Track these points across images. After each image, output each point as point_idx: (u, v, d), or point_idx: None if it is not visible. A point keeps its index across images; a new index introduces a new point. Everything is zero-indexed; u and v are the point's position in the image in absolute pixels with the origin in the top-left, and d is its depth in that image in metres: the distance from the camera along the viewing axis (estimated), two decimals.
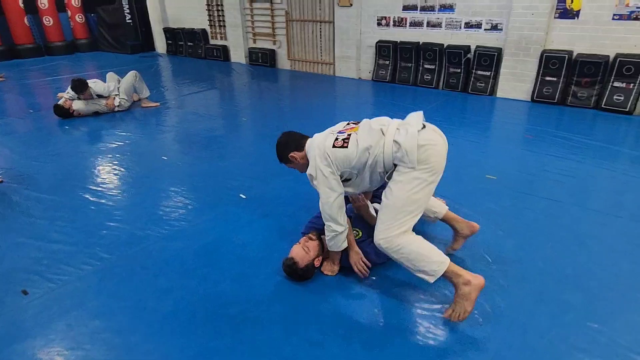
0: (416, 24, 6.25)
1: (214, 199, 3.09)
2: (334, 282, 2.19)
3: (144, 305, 2.05)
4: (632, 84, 4.73)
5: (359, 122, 2.12)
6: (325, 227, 2.08)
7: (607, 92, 4.90)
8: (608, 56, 4.85)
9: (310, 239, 2.20)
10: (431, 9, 6.04)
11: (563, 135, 4.25)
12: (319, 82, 7.12)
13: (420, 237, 1.91)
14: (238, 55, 8.80)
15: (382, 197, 1.95)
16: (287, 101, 6.19)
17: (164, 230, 2.68)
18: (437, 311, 1.97)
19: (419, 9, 6.14)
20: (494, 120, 5.05)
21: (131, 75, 5.43)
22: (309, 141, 2.19)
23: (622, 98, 4.82)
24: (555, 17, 5.11)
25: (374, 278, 2.19)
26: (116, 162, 3.84)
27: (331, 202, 2.00)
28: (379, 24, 6.62)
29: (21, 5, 9.11)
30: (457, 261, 2.30)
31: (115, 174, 3.58)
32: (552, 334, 1.81)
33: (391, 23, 6.48)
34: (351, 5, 6.67)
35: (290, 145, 2.22)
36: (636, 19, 4.62)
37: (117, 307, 2.03)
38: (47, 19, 9.65)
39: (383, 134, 1.95)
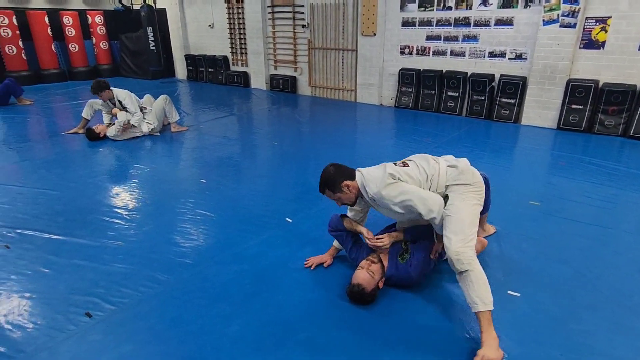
0: (439, 53, 6.39)
1: (260, 223, 3.09)
2: (397, 305, 2.16)
3: (209, 329, 2.02)
4: None
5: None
6: (434, 224, 2.09)
7: (636, 121, 4.94)
8: (635, 85, 4.92)
9: (373, 262, 2.19)
10: (455, 39, 6.19)
11: (596, 162, 4.27)
12: (342, 108, 7.23)
13: None
14: (259, 82, 8.98)
15: (446, 214, 2.02)
16: (313, 126, 6.27)
17: (216, 254, 2.67)
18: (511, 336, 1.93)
19: (442, 39, 6.30)
20: (522, 147, 5.08)
21: (162, 99, 5.55)
22: (359, 173, 2.21)
23: None
24: (580, 48, 5.22)
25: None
26: (156, 185, 3.87)
27: (424, 196, 2.03)
28: (402, 53, 6.77)
29: (49, 32, 9.42)
30: (519, 288, 2.28)
31: (159, 197, 3.59)
32: None
33: (414, 52, 6.64)
34: (375, 34, 6.86)
35: (343, 174, 2.20)
36: None
37: (183, 331, 2.00)
38: (73, 46, 9.95)
39: (436, 161, 2.21)
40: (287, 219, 3.14)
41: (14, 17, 8.96)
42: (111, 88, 5.27)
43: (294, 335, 1.97)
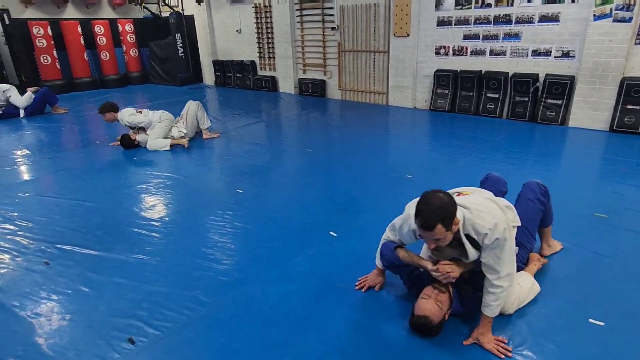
0: (478, 53, 6.10)
1: (303, 237, 2.92)
2: (463, 337, 1.95)
3: None
4: None
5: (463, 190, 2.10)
6: (495, 292, 1.84)
7: None
8: None
9: (441, 292, 1.97)
10: (495, 37, 5.89)
11: None
12: (374, 112, 7.01)
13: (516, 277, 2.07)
14: (287, 86, 8.87)
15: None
16: (346, 131, 6.08)
17: (261, 272, 2.51)
18: None
19: (481, 37, 6.01)
20: (574, 151, 4.74)
21: (193, 105, 5.47)
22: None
23: None
24: (636, 43, 4.85)
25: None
26: (192, 196, 3.77)
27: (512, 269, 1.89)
28: (437, 53, 6.51)
29: (82, 41, 9.59)
30: (602, 316, 2.01)
31: (195, 209, 3.48)
32: None
33: (450, 52, 6.36)
34: (408, 35, 6.62)
35: (455, 208, 1.74)
36: None
37: None
38: (104, 54, 10.10)
39: (496, 203, 1.98)
40: (331, 232, 2.95)
41: (49, 27, 9.15)
42: (120, 110, 5.25)
43: None
